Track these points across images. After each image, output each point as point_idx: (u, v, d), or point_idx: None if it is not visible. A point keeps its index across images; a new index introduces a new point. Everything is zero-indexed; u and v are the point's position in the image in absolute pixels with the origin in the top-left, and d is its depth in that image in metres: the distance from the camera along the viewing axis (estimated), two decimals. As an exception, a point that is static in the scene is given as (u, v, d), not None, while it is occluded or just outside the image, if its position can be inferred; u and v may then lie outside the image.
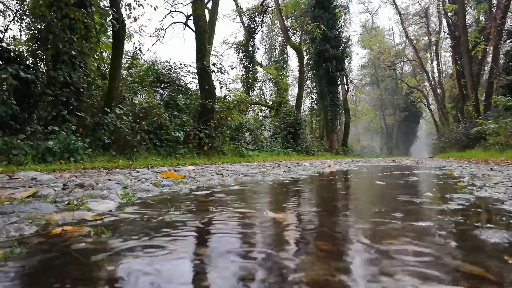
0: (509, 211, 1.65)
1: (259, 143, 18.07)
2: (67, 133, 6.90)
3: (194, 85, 15.02)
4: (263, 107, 27.24)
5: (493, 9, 22.15)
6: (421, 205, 1.87)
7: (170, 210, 1.67)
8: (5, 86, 6.85)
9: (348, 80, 31.78)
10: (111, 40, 10.08)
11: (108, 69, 10.12)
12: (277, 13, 25.27)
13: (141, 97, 11.52)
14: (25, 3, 8.55)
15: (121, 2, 9.49)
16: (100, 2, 9.18)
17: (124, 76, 11.61)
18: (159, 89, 13.57)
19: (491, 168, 5.79)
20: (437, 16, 35.10)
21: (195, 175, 4.25)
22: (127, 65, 13.24)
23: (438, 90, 36.00)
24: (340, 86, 29.63)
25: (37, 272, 0.84)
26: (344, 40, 28.81)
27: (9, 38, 8.70)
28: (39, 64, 8.04)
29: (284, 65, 29.09)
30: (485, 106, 21.17)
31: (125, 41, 10.14)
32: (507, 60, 18.38)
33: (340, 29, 28.24)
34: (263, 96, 30.23)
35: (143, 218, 1.48)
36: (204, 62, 12.38)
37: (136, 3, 9.72)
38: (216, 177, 3.83)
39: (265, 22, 29.39)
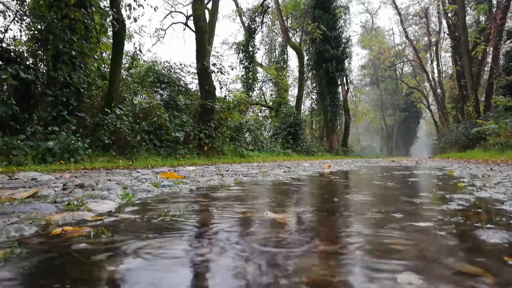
0: (509, 211, 1.65)
1: (259, 143, 18.07)
2: (67, 134, 6.90)
3: (194, 85, 15.02)
4: (263, 108, 27.24)
5: (493, 9, 22.16)
6: (421, 206, 1.87)
7: (170, 211, 1.67)
8: (5, 87, 6.84)
9: (348, 81, 31.79)
10: (111, 40, 10.08)
11: (108, 70, 10.12)
12: (277, 14, 25.27)
13: (141, 97, 11.51)
14: (25, 3, 8.55)
15: (121, 2, 9.49)
16: (100, 3, 9.18)
17: (124, 77, 11.61)
18: (159, 89, 13.56)
19: (491, 169, 5.79)
20: (437, 16, 35.11)
21: (195, 175, 4.25)
22: (127, 65, 13.23)
23: (438, 91, 36.00)
24: (340, 86, 29.64)
25: (37, 272, 0.84)
26: (344, 40, 28.81)
27: (9, 38, 8.69)
28: (39, 65, 8.03)
29: (284, 66, 29.07)
30: (485, 106, 21.17)
31: (125, 41, 10.14)
32: (507, 61, 18.38)
33: (340, 29, 28.24)
34: (263, 96, 30.21)
35: (143, 219, 1.48)
36: (204, 63, 12.38)
37: (136, 4, 9.72)
38: (216, 178, 3.83)
39: (265, 22, 29.37)
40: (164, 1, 21.60)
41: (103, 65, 10.71)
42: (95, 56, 9.59)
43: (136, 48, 14.36)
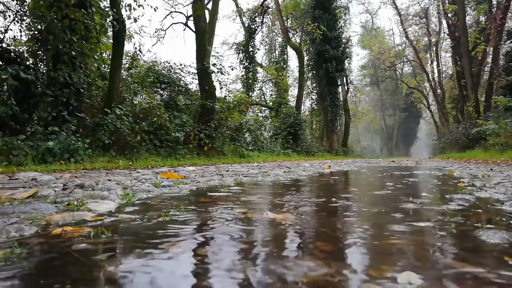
0: (509, 211, 1.65)
1: (259, 143, 18.08)
2: (67, 134, 6.90)
3: (194, 85, 15.02)
4: (263, 108, 27.25)
5: (493, 9, 22.15)
6: (421, 206, 1.87)
7: (170, 211, 1.67)
8: (5, 87, 6.85)
9: (348, 81, 31.79)
10: (111, 40, 10.09)
11: (108, 70, 10.12)
12: (277, 14, 25.28)
13: (141, 97, 11.52)
14: (25, 3, 8.56)
15: (121, 2, 9.50)
16: (100, 3, 9.19)
17: (124, 77, 11.61)
18: (159, 89, 13.56)
19: (491, 169, 5.79)
20: (437, 16, 35.11)
21: (195, 175, 4.24)
22: (127, 65, 13.23)
23: (438, 91, 36.00)
24: (340, 86, 29.66)
25: (37, 272, 0.84)
26: (344, 40, 28.85)
27: (10, 38, 8.72)
28: (39, 65, 8.04)
29: (284, 66, 29.10)
30: (485, 106, 21.17)
31: (125, 41, 10.15)
32: (507, 61, 18.40)
33: (340, 29, 28.27)
34: (263, 96, 30.24)
35: (143, 219, 1.48)
36: (204, 63, 12.39)
37: (136, 4, 9.73)
38: (216, 178, 3.83)
39: (265, 22, 29.43)
40: (164, 1, 21.64)
41: (103, 65, 10.72)
42: (95, 56, 9.59)
43: (136, 48, 14.38)
